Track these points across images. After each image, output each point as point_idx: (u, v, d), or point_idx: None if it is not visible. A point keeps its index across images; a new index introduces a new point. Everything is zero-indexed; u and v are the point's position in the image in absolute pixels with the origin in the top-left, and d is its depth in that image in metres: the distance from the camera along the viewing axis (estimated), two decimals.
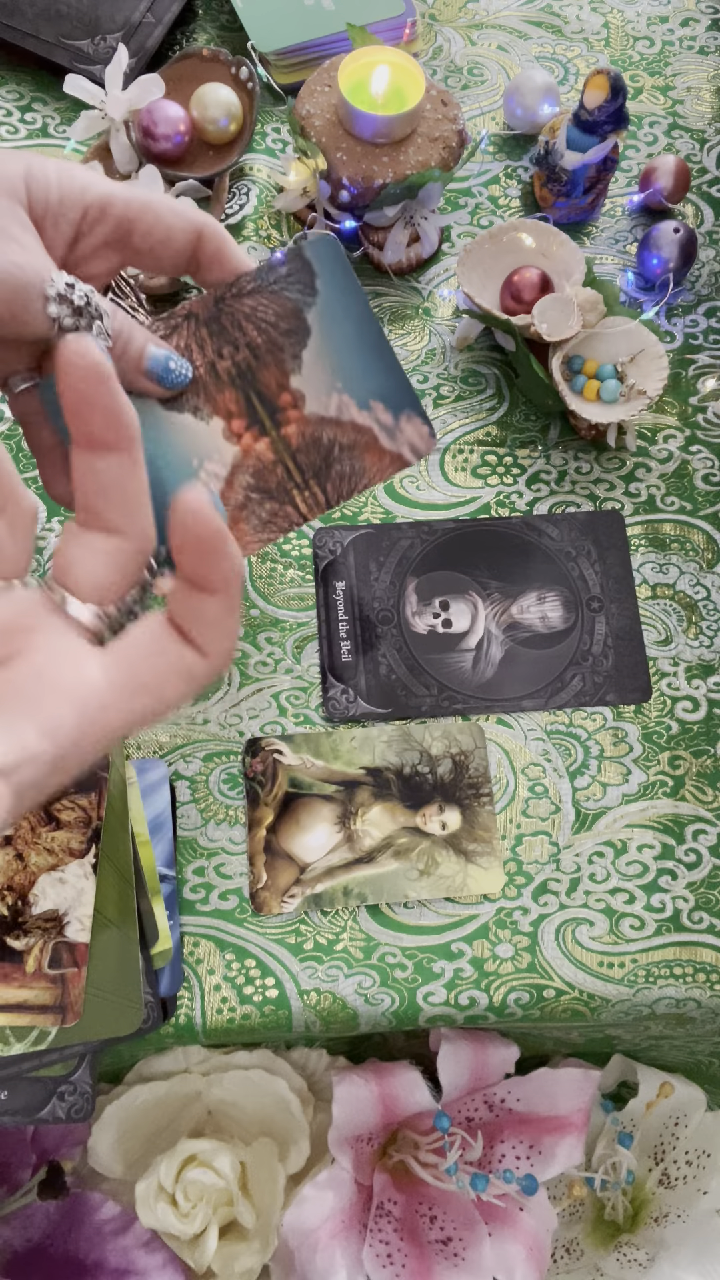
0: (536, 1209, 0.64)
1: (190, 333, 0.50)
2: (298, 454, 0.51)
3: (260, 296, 0.50)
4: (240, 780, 0.62)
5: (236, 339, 0.50)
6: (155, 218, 0.48)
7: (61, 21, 0.76)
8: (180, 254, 0.49)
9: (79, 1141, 0.65)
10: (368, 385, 0.51)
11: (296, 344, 0.51)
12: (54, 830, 0.57)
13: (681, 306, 0.74)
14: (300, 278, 0.51)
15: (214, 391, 0.51)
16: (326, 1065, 0.65)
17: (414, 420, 0.52)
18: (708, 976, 0.59)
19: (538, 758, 0.63)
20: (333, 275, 0.51)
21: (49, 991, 0.54)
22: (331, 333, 0.51)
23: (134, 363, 0.47)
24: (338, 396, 0.51)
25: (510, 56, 0.81)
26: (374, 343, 0.51)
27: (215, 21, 0.81)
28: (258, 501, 0.51)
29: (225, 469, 0.51)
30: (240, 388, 0.50)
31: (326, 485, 0.52)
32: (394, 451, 0.52)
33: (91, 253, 0.48)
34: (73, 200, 0.46)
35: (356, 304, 0.51)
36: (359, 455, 0.52)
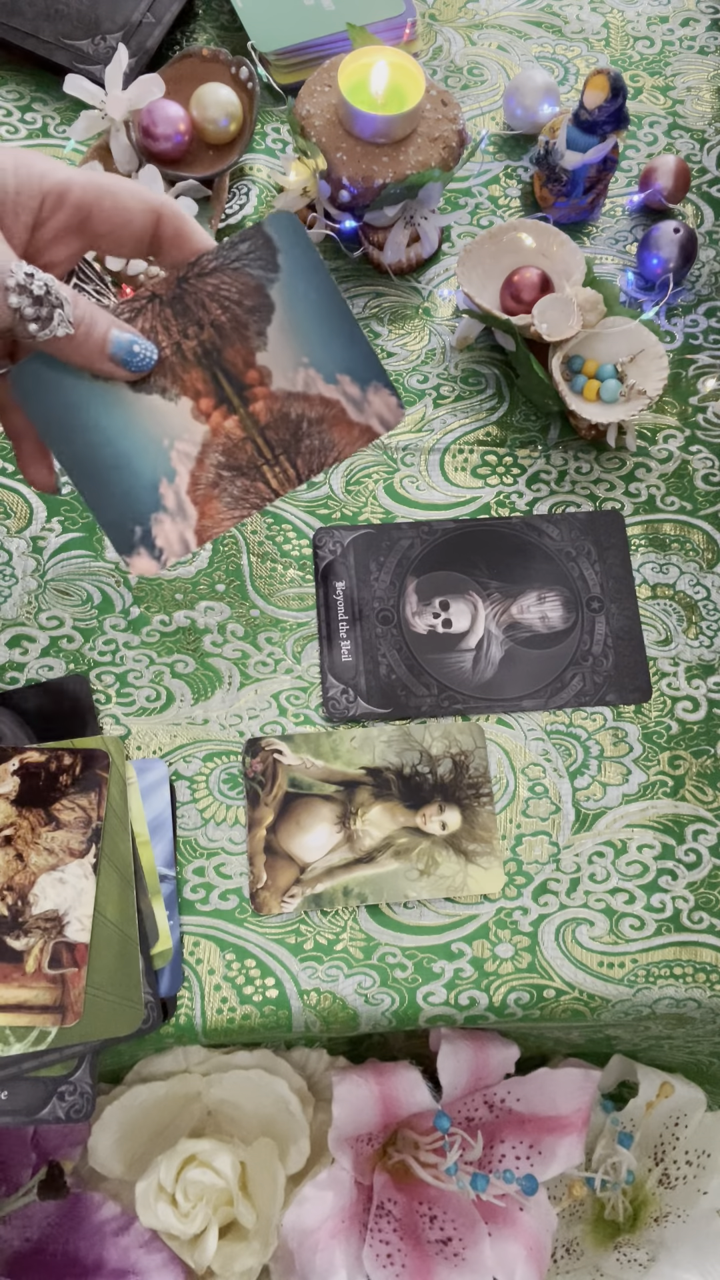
0: (536, 1209, 0.64)
1: (155, 314, 0.50)
2: (266, 430, 0.52)
3: (223, 274, 0.50)
4: (240, 780, 0.62)
5: (201, 318, 0.50)
6: (113, 201, 0.48)
7: (61, 21, 0.76)
8: (140, 236, 0.49)
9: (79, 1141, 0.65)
10: (334, 359, 0.52)
11: (261, 320, 0.51)
12: (54, 830, 0.57)
13: (681, 306, 0.74)
14: (262, 254, 0.50)
15: (181, 371, 0.51)
16: (326, 1065, 0.65)
17: (381, 392, 0.52)
18: (708, 976, 0.59)
19: (538, 758, 0.63)
20: (294, 250, 0.51)
21: (49, 991, 0.54)
22: (295, 308, 0.51)
23: (98, 347, 0.48)
24: (304, 371, 0.52)
25: (510, 56, 0.81)
26: (339, 317, 0.52)
27: (215, 21, 0.81)
28: (229, 479, 0.52)
29: (196, 448, 0.51)
30: (207, 366, 0.51)
31: (297, 460, 0.52)
32: (362, 424, 0.52)
33: (52, 239, 0.48)
34: (31, 189, 0.47)
35: (319, 279, 0.51)
36: (328, 429, 0.52)
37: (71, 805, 0.57)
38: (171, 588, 0.65)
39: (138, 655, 0.64)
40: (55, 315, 0.46)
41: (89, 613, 0.65)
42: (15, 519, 0.67)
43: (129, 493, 0.51)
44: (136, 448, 0.51)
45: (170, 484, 0.52)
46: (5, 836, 0.56)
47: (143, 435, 0.51)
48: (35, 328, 0.45)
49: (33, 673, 0.63)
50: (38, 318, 0.45)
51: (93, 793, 0.58)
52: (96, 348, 0.48)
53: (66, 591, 0.65)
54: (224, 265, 0.50)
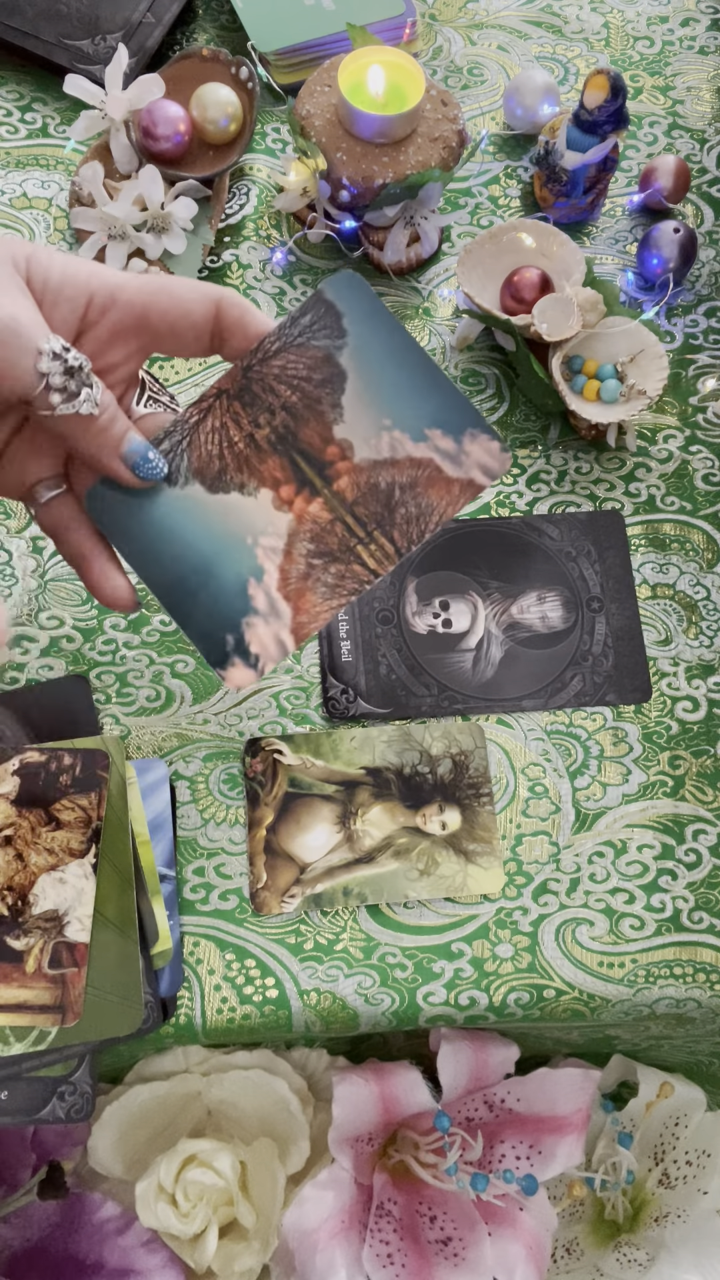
0: (536, 1209, 0.64)
1: (223, 410, 0.48)
2: (355, 506, 0.48)
3: (288, 353, 0.48)
4: (240, 780, 0.62)
5: (271, 404, 0.48)
6: (170, 297, 0.47)
7: (61, 21, 0.76)
8: (200, 328, 0.48)
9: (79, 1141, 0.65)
10: (419, 414, 0.48)
11: (334, 391, 0.48)
12: (54, 830, 0.57)
13: (681, 306, 0.74)
14: (326, 322, 0.48)
15: (257, 463, 0.48)
16: (326, 1065, 0.65)
17: (479, 439, 0.48)
18: (708, 976, 0.59)
19: (538, 758, 0.63)
20: (359, 310, 0.48)
21: (49, 991, 0.54)
22: (369, 369, 0.48)
23: (114, 444, 0.47)
24: (388, 435, 0.48)
25: (510, 56, 0.81)
26: (418, 368, 0.48)
27: (215, 21, 0.81)
28: (321, 567, 0.48)
29: (282, 539, 0.48)
30: (282, 452, 0.48)
31: (393, 533, 0.48)
32: (463, 479, 0.48)
33: (108, 338, 0.48)
34: (75, 284, 0.46)
35: (391, 334, 0.48)
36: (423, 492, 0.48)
37: (71, 805, 0.57)
38: None
39: (138, 655, 0.64)
40: (83, 393, 0.45)
41: (89, 613, 0.65)
42: (15, 519, 0.67)
43: (216, 600, 0.49)
44: (219, 551, 0.48)
45: (259, 583, 0.49)
46: (5, 836, 0.56)
47: (225, 537, 0.48)
48: (59, 399, 0.45)
49: (33, 673, 0.63)
50: (65, 389, 0.45)
51: (93, 793, 0.58)
52: (112, 442, 0.47)
53: (66, 591, 0.65)
54: (288, 344, 0.48)
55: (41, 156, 0.76)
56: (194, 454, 0.49)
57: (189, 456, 0.49)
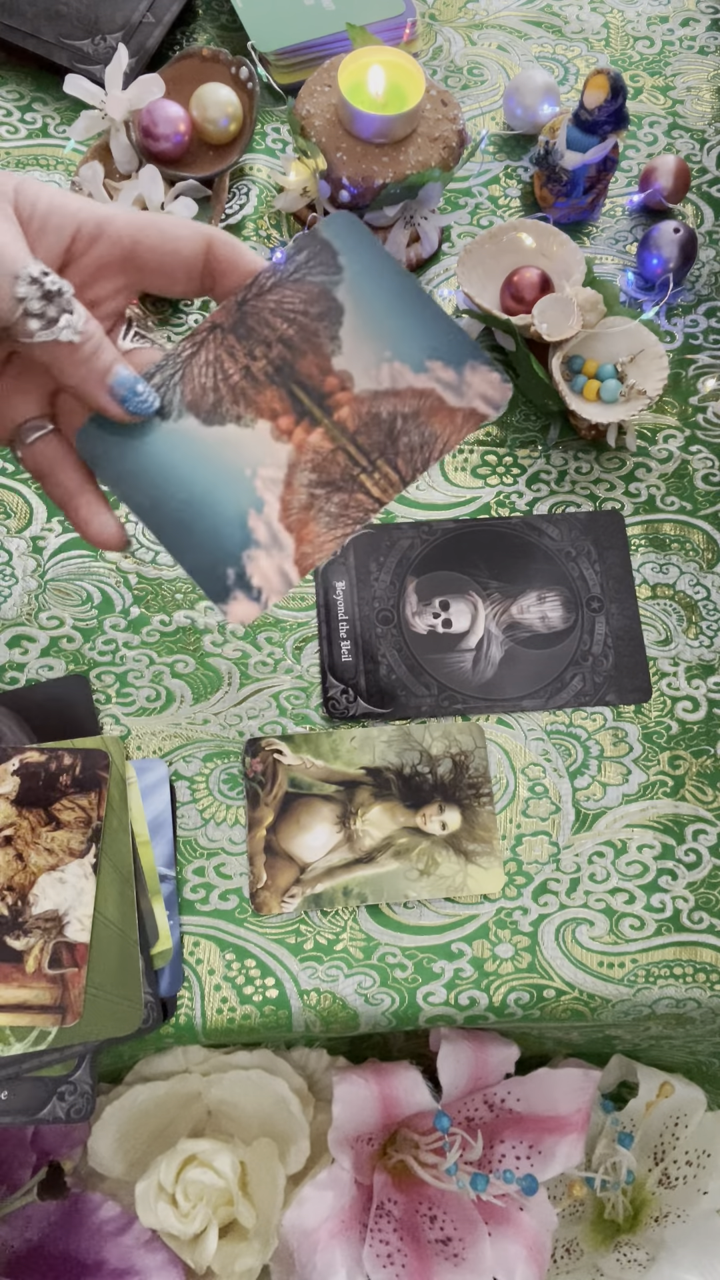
0: (536, 1209, 0.64)
1: (218, 343, 0.48)
2: (357, 436, 0.48)
3: (283, 288, 0.48)
4: (240, 780, 0.62)
5: (267, 336, 0.48)
6: (159, 231, 0.47)
7: (61, 21, 0.76)
8: (191, 265, 0.47)
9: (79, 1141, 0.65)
10: (419, 346, 0.48)
11: (332, 324, 0.48)
12: (54, 830, 0.57)
13: (681, 306, 0.74)
14: (321, 258, 0.48)
15: (253, 394, 0.48)
16: (326, 1065, 0.65)
17: (479, 370, 0.48)
18: (708, 976, 0.59)
19: (538, 758, 0.63)
20: (355, 247, 0.48)
21: (49, 991, 0.54)
22: (367, 303, 0.48)
23: (99, 373, 0.46)
24: (388, 366, 0.48)
25: (510, 56, 0.81)
26: (416, 302, 0.48)
27: (215, 21, 0.81)
28: (324, 497, 0.48)
29: (282, 470, 0.48)
30: (280, 383, 0.48)
31: (397, 461, 0.48)
32: (465, 408, 0.48)
33: (95, 271, 0.47)
34: (62, 214, 0.46)
35: (387, 269, 0.48)
36: (426, 421, 0.48)
37: (71, 805, 0.57)
38: (171, 588, 0.65)
39: (138, 655, 0.64)
40: (63, 319, 0.44)
41: (89, 613, 0.65)
42: (15, 519, 0.67)
43: (215, 534, 0.48)
44: (216, 484, 0.48)
45: (259, 515, 0.48)
46: (5, 836, 0.56)
47: (221, 469, 0.48)
48: (37, 325, 0.44)
49: (33, 673, 0.63)
50: (42, 315, 0.44)
51: (93, 793, 0.58)
52: (98, 372, 0.46)
53: (66, 591, 0.65)
54: (283, 279, 0.48)
55: (41, 156, 0.76)
56: (187, 387, 0.48)
57: (181, 390, 0.48)
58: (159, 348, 0.50)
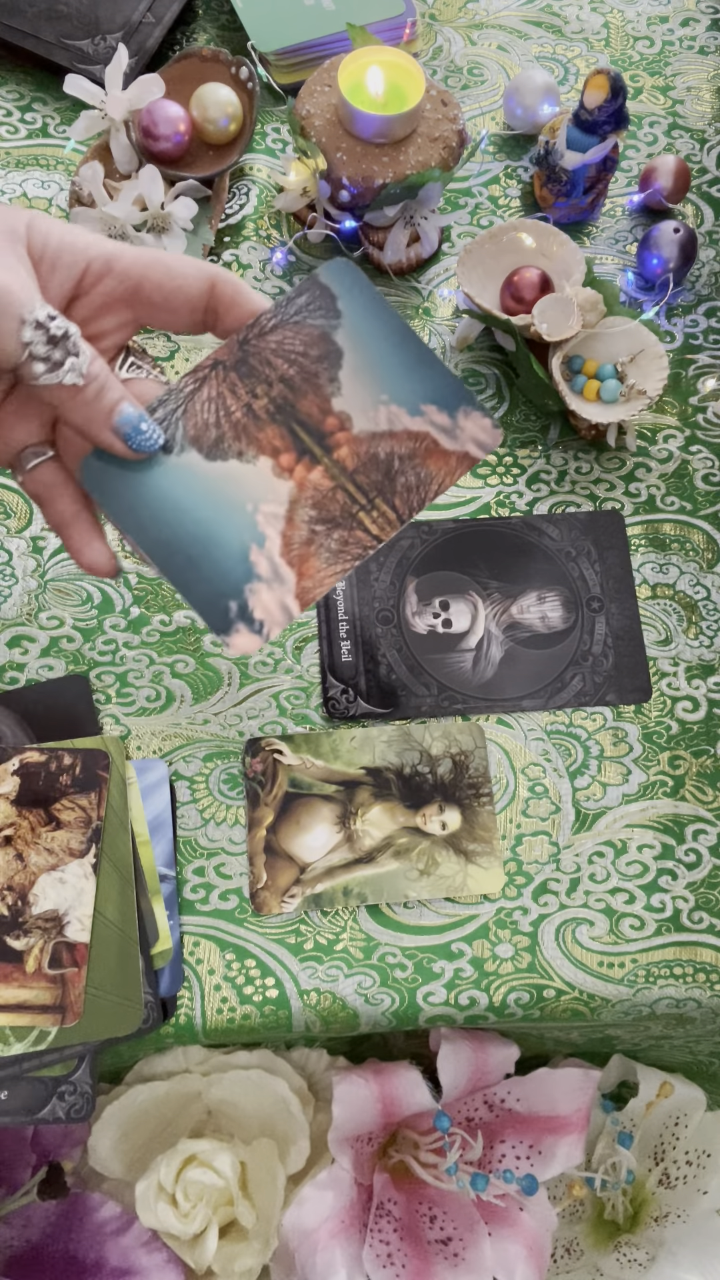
0: (536, 1209, 0.64)
1: (220, 380, 0.49)
2: (356, 475, 0.49)
3: (284, 330, 0.49)
4: (240, 780, 0.62)
5: (268, 375, 0.49)
6: (165, 269, 0.47)
7: (61, 21, 0.76)
8: (194, 304, 0.48)
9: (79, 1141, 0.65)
10: (415, 391, 0.50)
11: (331, 366, 0.49)
12: (54, 830, 0.57)
13: (681, 306, 0.74)
14: (321, 303, 0.49)
15: (255, 432, 0.49)
16: (326, 1065, 0.65)
17: (472, 415, 0.50)
18: (708, 976, 0.59)
19: (538, 758, 0.63)
20: (353, 294, 0.49)
21: (49, 991, 0.54)
22: (365, 348, 0.49)
23: (104, 413, 0.47)
24: (385, 409, 0.49)
25: (510, 56, 0.81)
26: (411, 349, 0.50)
27: (215, 21, 0.81)
28: (324, 533, 0.49)
29: (283, 506, 0.49)
30: (281, 421, 0.49)
31: (394, 500, 0.50)
32: (458, 451, 0.50)
33: (100, 306, 0.48)
34: (73, 251, 0.46)
35: (384, 316, 0.50)
36: (422, 462, 0.50)
37: (71, 805, 0.57)
38: (171, 588, 0.65)
39: (138, 655, 0.64)
40: (68, 362, 0.45)
41: (89, 613, 0.65)
42: (15, 519, 0.67)
43: (218, 567, 0.49)
44: (219, 518, 0.49)
45: (261, 549, 0.49)
46: (5, 836, 0.56)
47: (224, 504, 0.49)
48: (42, 368, 0.44)
49: (33, 673, 0.63)
50: (48, 358, 0.44)
51: (93, 793, 0.58)
52: (102, 413, 0.46)
53: (66, 591, 0.65)
54: (284, 321, 0.49)
55: (41, 156, 0.76)
56: (189, 422, 0.49)
57: (184, 425, 0.49)
58: (154, 378, 0.51)
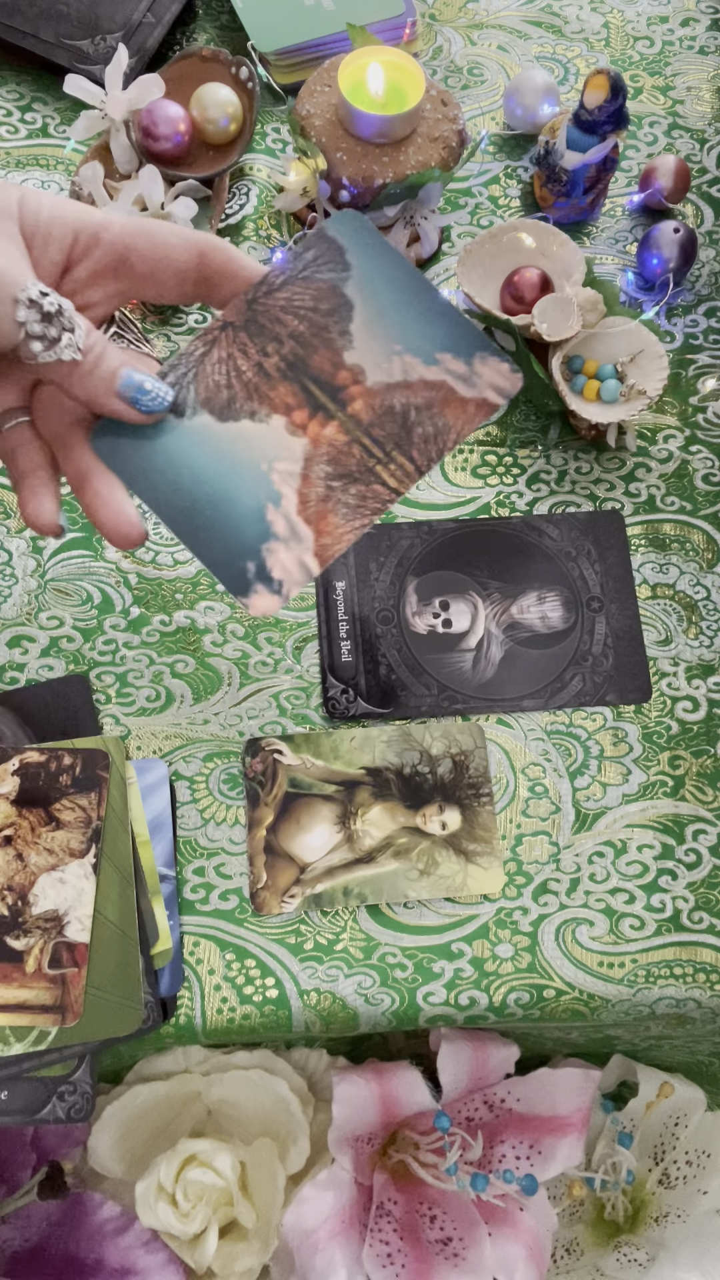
0: (536, 1209, 0.64)
1: (229, 341, 0.48)
2: (372, 428, 0.49)
3: (293, 286, 0.48)
4: (240, 780, 0.62)
5: (278, 333, 0.48)
6: (150, 239, 0.47)
7: (61, 21, 0.76)
8: (182, 274, 0.48)
9: (79, 1141, 0.65)
10: (429, 339, 0.49)
11: (342, 319, 0.48)
12: (54, 830, 0.57)
13: (681, 306, 0.74)
14: (329, 256, 0.49)
15: (267, 390, 0.48)
16: (326, 1065, 0.65)
17: (489, 360, 0.49)
18: (708, 976, 0.59)
19: (538, 758, 0.63)
20: (362, 245, 0.49)
21: (49, 991, 0.54)
22: (376, 299, 0.49)
23: (105, 381, 0.46)
24: (399, 359, 0.49)
25: (510, 56, 0.81)
26: (424, 297, 0.49)
27: (215, 21, 0.81)
28: (341, 488, 0.48)
29: (298, 464, 0.48)
30: (293, 378, 0.48)
31: (412, 451, 0.49)
32: (476, 398, 0.49)
33: (88, 278, 0.48)
34: (63, 223, 0.46)
35: (394, 265, 0.49)
36: (439, 412, 0.49)
37: (71, 805, 0.57)
38: (171, 588, 0.65)
39: (138, 655, 0.64)
40: (64, 338, 0.45)
41: (89, 613, 0.65)
42: (15, 519, 0.67)
43: (233, 528, 0.48)
44: (233, 479, 0.48)
45: (277, 508, 0.48)
46: (5, 836, 0.56)
47: (238, 464, 0.48)
48: (40, 347, 0.44)
49: (33, 673, 0.63)
50: (44, 336, 0.44)
51: (93, 793, 0.58)
52: (104, 381, 0.46)
53: (66, 591, 0.65)
54: (292, 277, 0.48)
55: (41, 156, 0.76)
56: (200, 385, 0.49)
57: (195, 388, 0.49)
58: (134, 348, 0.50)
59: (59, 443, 0.49)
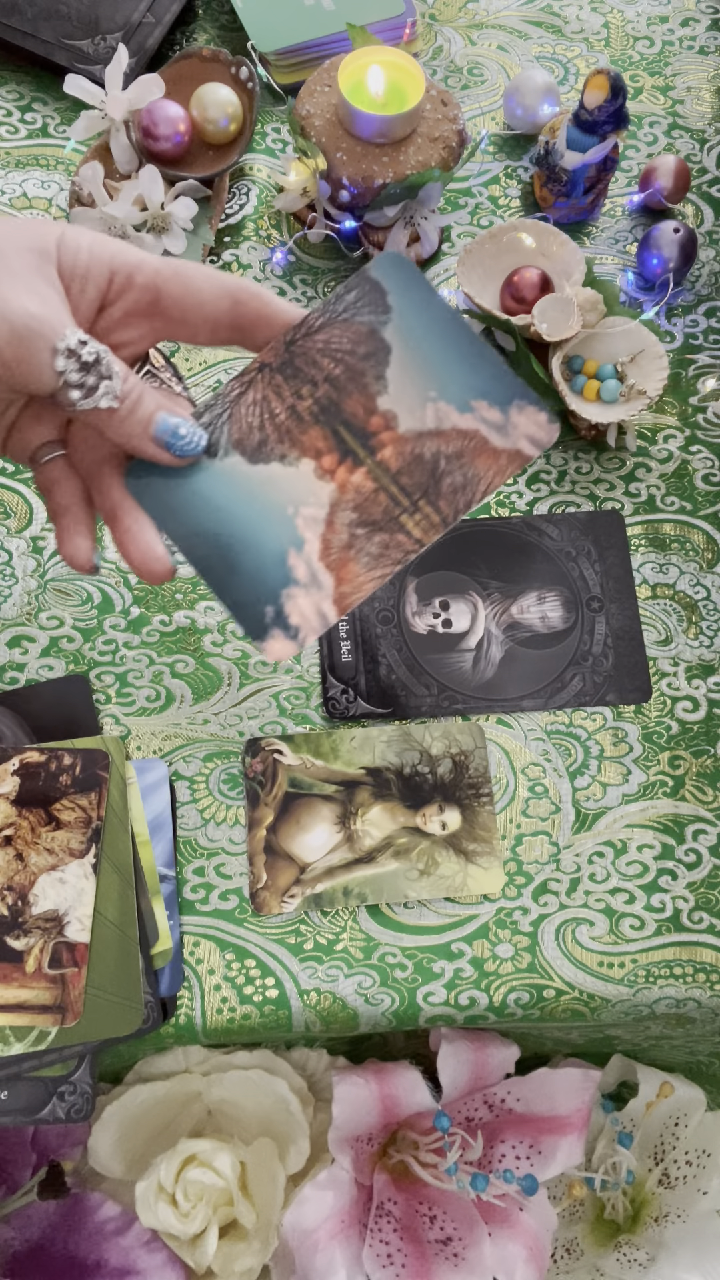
0: (536, 1209, 0.64)
1: (265, 383, 0.48)
2: (400, 476, 0.48)
3: (332, 328, 0.48)
4: (240, 780, 0.62)
5: (314, 376, 0.48)
6: (184, 283, 0.47)
7: (61, 21, 0.76)
8: (214, 320, 0.48)
9: (79, 1141, 0.65)
10: (465, 386, 0.48)
11: (378, 364, 0.48)
12: (54, 830, 0.57)
13: (681, 306, 0.74)
14: (370, 299, 0.48)
15: (298, 434, 0.48)
16: (326, 1065, 0.65)
17: (526, 410, 0.48)
18: (708, 976, 0.59)
19: (538, 758, 0.63)
20: (404, 288, 0.48)
21: (49, 991, 0.54)
22: (414, 344, 0.48)
23: (141, 426, 0.47)
24: (433, 406, 0.48)
25: (510, 56, 0.81)
26: (464, 343, 0.48)
27: (215, 21, 0.81)
28: (365, 536, 0.48)
29: (324, 509, 0.48)
30: (325, 423, 0.48)
31: (439, 502, 0.48)
32: (510, 449, 0.48)
33: (121, 319, 0.48)
34: (101, 264, 0.46)
35: (435, 309, 0.48)
36: (470, 461, 0.48)
37: (71, 805, 0.57)
38: (171, 588, 0.65)
39: (138, 655, 0.64)
40: (102, 386, 0.45)
41: (89, 613, 0.65)
42: (15, 519, 0.67)
43: (256, 571, 0.48)
44: (259, 521, 0.48)
45: (299, 554, 0.48)
46: (5, 836, 0.56)
47: (265, 507, 0.48)
48: (78, 395, 0.45)
49: (33, 673, 0.63)
50: (82, 385, 0.44)
51: (93, 793, 0.58)
52: (140, 426, 0.46)
53: (66, 591, 0.65)
54: (332, 319, 0.48)
55: (41, 156, 0.76)
56: (234, 426, 0.49)
57: (229, 429, 0.49)
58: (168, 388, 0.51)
59: (93, 477, 0.49)
